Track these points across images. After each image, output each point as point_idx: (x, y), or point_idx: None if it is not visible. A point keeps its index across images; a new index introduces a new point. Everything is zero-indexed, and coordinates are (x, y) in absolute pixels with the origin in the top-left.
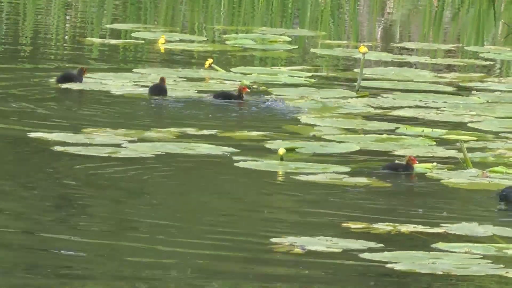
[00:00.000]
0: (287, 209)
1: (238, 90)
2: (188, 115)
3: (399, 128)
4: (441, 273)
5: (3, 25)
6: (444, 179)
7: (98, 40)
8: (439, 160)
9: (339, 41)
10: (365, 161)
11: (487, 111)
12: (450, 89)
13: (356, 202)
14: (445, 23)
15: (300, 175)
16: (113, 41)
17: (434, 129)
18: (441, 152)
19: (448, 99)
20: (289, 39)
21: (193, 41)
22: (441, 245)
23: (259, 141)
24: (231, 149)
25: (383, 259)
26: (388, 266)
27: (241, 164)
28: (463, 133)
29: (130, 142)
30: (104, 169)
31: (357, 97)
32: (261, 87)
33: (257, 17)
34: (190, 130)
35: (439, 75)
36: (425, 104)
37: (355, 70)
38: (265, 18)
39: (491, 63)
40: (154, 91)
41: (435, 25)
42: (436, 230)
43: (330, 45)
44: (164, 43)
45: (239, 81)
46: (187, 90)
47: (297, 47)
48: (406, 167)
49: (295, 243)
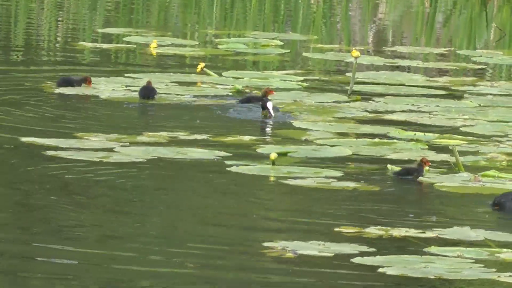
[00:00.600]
0: (279, 214)
1: (263, 93)
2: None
3: (391, 132)
4: (433, 277)
5: None
6: (436, 183)
7: (90, 45)
8: (432, 164)
9: (331, 45)
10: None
11: (479, 115)
12: (442, 92)
13: (348, 206)
14: (437, 27)
15: (291, 180)
16: (105, 45)
17: (426, 133)
18: (433, 156)
19: (440, 103)
20: (281, 43)
21: (185, 46)
22: (433, 249)
23: (251, 146)
24: (223, 153)
25: (375, 264)
26: (380, 271)
27: (233, 169)
28: (455, 137)
29: (122, 146)
30: (96, 173)
31: (349, 101)
32: (254, 91)
33: (249, 21)
34: (182, 135)
35: (431, 79)
36: (417, 108)
37: (347, 74)
38: (257, 22)
39: (483, 67)
40: (143, 92)
41: (427, 29)
42: (428, 234)
43: (322, 49)
44: (156, 47)
45: (232, 85)
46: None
47: (289, 51)
48: (418, 170)
49: (287, 247)
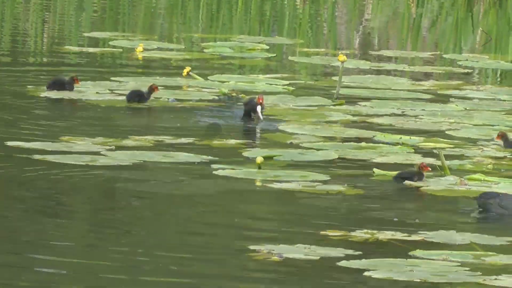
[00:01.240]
0: (265, 217)
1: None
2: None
3: (377, 136)
4: (418, 280)
5: None
6: (422, 186)
7: (76, 49)
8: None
9: (317, 49)
10: (344, 168)
11: (465, 119)
12: (428, 96)
13: (335, 210)
14: (423, 31)
15: (276, 183)
16: (91, 49)
17: (412, 137)
18: (419, 160)
19: (426, 107)
20: (267, 47)
21: (171, 49)
22: (418, 252)
23: (237, 149)
24: (209, 157)
25: (361, 267)
26: (366, 274)
27: (219, 172)
28: (441, 140)
29: (108, 150)
30: (82, 177)
31: (335, 105)
32: (240, 95)
33: (235, 25)
34: (168, 138)
35: (417, 83)
36: (403, 112)
37: (333, 78)
38: (243, 26)
39: (469, 71)
40: (132, 96)
41: (413, 33)
42: (414, 237)
43: (308, 53)
44: (142, 51)
45: (218, 89)
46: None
47: (275, 55)
48: (419, 175)
49: (273, 250)
